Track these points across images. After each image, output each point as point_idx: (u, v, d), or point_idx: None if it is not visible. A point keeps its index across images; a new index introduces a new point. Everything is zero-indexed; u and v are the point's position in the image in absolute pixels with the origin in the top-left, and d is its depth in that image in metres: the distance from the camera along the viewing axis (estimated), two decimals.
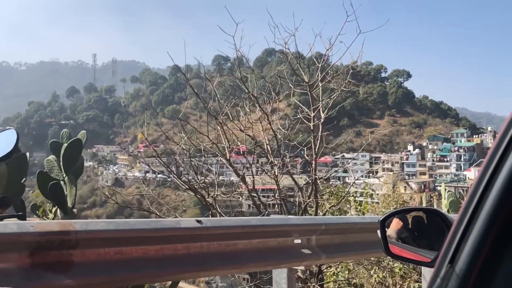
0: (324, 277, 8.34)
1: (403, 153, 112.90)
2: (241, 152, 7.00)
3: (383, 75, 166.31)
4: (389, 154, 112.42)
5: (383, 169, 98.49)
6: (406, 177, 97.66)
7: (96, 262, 2.52)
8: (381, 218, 1.88)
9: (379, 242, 1.85)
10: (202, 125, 7.31)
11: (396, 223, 1.88)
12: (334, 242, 4.09)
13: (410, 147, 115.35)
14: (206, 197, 6.12)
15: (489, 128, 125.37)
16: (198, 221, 2.98)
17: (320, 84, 7.61)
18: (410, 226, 1.91)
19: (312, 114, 7.17)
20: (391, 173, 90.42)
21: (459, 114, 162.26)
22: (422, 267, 5.71)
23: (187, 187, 6.11)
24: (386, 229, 1.85)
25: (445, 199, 10.65)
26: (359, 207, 9.45)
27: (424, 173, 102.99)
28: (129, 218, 6.73)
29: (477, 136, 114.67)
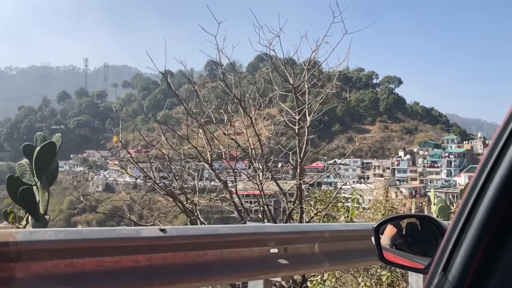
0: (310, 286, 8.13)
1: (394, 159, 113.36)
2: (224, 157, 6.74)
3: (374, 81, 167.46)
4: (380, 160, 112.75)
5: (374, 175, 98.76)
6: (397, 182, 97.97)
7: (43, 276, 2.26)
8: (375, 225, 1.87)
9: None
10: (195, 130, 7.12)
11: (390, 230, 1.88)
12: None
13: (401, 153, 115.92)
14: (184, 203, 5.85)
15: (479, 135, 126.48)
16: (162, 230, 2.73)
17: (306, 86, 7.40)
18: (404, 233, 1.91)
19: (297, 117, 6.94)
20: (382, 178, 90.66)
21: (450, 120, 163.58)
22: (409, 275, 5.55)
23: (164, 192, 5.84)
24: (380, 235, 1.85)
25: (434, 205, 10.50)
26: (347, 213, 9.24)
27: (415, 179, 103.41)
28: (120, 225, 6.48)
29: (467, 142, 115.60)
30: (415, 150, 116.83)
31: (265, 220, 7.02)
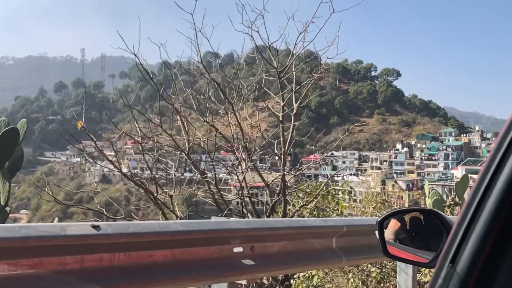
0: (293, 282, 7.74)
1: (391, 151, 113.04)
2: (202, 146, 6.28)
3: (373, 73, 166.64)
4: (377, 153, 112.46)
5: (372, 167, 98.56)
6: (395, 175, 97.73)
7: None
8: (379, 219, 1.86)
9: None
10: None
11: (393, 224, 1.86)
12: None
13: (398, 146, 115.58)
14: (155, 194, 5.42)
15: (476, 128, 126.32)
16: (95, 227, 2.30)
17: (293, 70, 6.94)
18: (407, 227, 1.89)
19: (282, 103, 6.49)
20: (379, 171, 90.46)
21: (448, 113, 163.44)
22: (398, 274, 5.18)
23: (134, 182, 5.41)
24: (384, 230, 1.83)
25: (428, 198, 10.13)
26: (337, 206, 8.85)
27: (412, 172, 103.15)
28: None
29: (465, 135, 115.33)
30: (412, 143, 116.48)
31: (248, 214, 6.61)
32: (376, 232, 1.83)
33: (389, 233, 1.83)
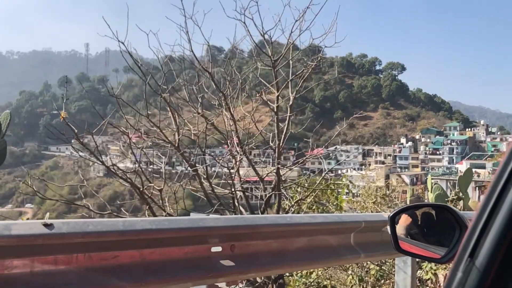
0: (291, 279, 7.51)
1: (396, 145, 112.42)
2: (193, 139, 6.01)
3: (377, 67, 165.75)
4: (382, 147, 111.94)
5: (376, 162, 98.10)
6: (399, 169, 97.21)
7: None
8: (391, 214, 1.85)
9: None
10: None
11: (405, 219, 1.85)
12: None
13: (403, 140, 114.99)
14: (141, 188, 5.16)
15: (481, 122, 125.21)
16: (47, 225, 2.04)
17: (290, 59, 6.65)
18: (419, 223, 1.88)
19: (276, 94, 6.20)
20: (384, 165, 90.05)
21: (453, 107, 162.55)
22: (396, 274, 4.93)
23: (118, 176, 5.16)
24: (396, 225, 1.83)
25: (431, 192, 9.85)
26: (336, 200, 8.59)
27: (416, 166, 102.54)
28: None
29: (469, 129, 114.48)
30: (417, 137, 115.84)
31: (241, 209, 6.36)
32: (388, 227, 1.82)
33: (400, 228, 1.82)
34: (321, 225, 3.33)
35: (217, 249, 2.75)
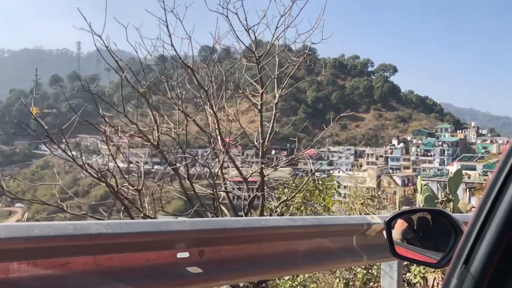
0: (279, 282, 7.31)
1: (387, 147, 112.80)
2: (173, 137, 5.77)
3: (369, 69, 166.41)
4: (373, 148, 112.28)
5: (368, 163, 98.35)
6: (390, 171, 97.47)
7: None
8: (387, 219, 1.85)
9: None
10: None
11: (401, 224, 1.86)
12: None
13: (394, 141, 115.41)
14: (115, 188, 4.92)
15: (472, 124, 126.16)
16: None
17: (277, 56, 6.45)
18: (415, 227, 1.87)
19: (261, 90, 5.98)
20: (375, 166, 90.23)
21: (444, 109, 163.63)
22: (382, 278, 4.75)
23: (90, 175, 4.92)
24: (392, 230, 1.83)
25: (420, 194, 9.71)
26: (323, 201, 8.40)
27: (408, 167, 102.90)
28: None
29: (460, 131, 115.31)
30: (408, 138, 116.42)
31: (224, 209, 6.14)
32: (384, 232, 1.81)
33: (396, 233, 1.82)
34: (300, 229, 3.12)
35: (184, 255, 2.53)
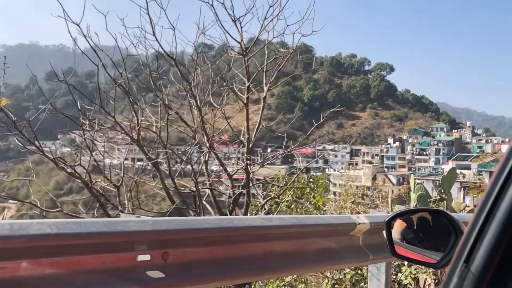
0: (267, 282, 7.11)
1: (383, 146, 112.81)
2: (154, 131, 5.51)
3: (366, 68, 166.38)
4: (369, 147, 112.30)
5: (363, 161, 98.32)
6: (386, 169, 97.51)
7: None
8: (386, 219, 1.84)
9: None
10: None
11: (401, 224, 1.85)
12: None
13: (390, 140, 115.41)
14: (89, 184, 4.67)
15: (468, 123, 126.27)
16: None
17: (266, 49, 6.22)
18: (415, 227, 1.86)
19: (248, 83, 5.74)
20: (371, 165, 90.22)
21: (440, 109, 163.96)
22: (369, 281, 4.54)
23: (63, 170, 4.67)
24: (392, 229, 1.83)
25: (413, 192, 9.53)
26: (313, 199, 8.20)
27: (403, 166, 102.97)
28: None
29: (456, 131, 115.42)
30: (404, 137, 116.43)
31: (208, 207, 5.91)
32: (384, 232, 1.81)
33: (396, 233, 1.81)
34: (277, 229, 2.88)
35: (145, 257, 2.29)
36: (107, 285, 2.13)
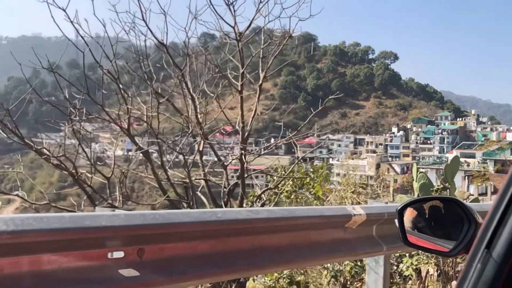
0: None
1: (387, 135, 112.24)
2: (145, 121, 5.33)
3: (370, 56, 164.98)
4: (373, 136, 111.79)
5: (367, 151, 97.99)
6: (390, 159, 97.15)
7: None
8: (399, 208, 1.82)
9: None
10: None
11: (413, 212, 1.84)
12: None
13: (394, 129, 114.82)
14: (75, 175, 4.51)
15: (473, 112, 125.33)
16: None
17: (262, 36, 6.00)
18: (427, 216, 1.84)
19: (242, 70, 5.53)
20: (375, 154, 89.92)
21: (444, 97, 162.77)
22: (367, 274, 4.37)
23: (47, 161, 4.51)
24: (404, 218, 1.82)
25: (416, 181, 9.34)
26: (312, 189, 8.00)
27: (407, 155, 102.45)
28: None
29: (460, 119, 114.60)
30: (408, 126, 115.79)
31: (203, 199, 5.74)
32: (396, 221, 1.80)
33: (408, 221, 1.80)
34: (265, 222, 2.70)
35: (118, 254, 2.11)
36: (73, 286, 1.95)
